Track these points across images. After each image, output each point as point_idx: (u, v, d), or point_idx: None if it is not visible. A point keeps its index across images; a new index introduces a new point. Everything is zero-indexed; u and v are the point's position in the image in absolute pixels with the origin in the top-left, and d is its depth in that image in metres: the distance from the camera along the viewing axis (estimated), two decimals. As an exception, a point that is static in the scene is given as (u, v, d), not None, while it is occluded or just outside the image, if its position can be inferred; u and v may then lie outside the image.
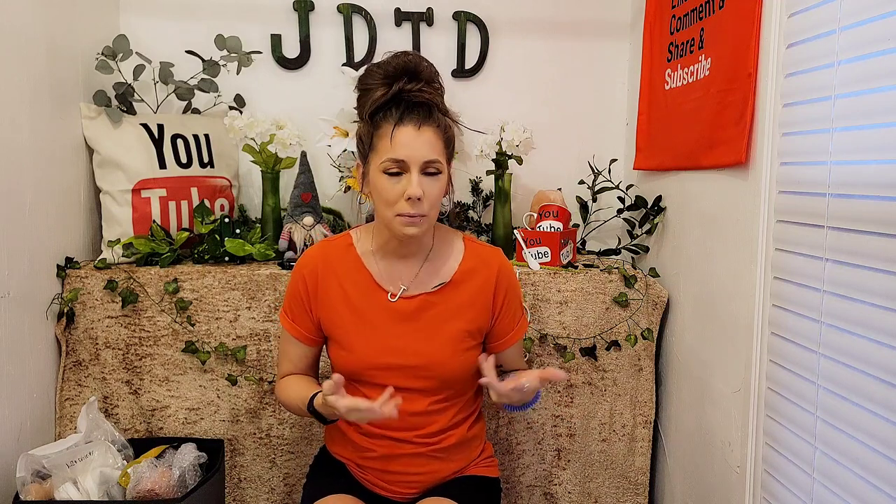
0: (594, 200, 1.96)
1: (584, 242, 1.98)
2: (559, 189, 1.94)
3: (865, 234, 1.01)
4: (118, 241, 1.69)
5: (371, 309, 1.28)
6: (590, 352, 1.69)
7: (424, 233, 1.23)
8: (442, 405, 1.29)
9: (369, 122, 1.21)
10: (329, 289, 1.29)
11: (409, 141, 1.16)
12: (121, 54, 1.74)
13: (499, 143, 1.82)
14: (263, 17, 1.95)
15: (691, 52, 1.57)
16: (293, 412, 1.33)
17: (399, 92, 1.18)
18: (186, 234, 1.72)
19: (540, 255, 1.74)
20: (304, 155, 1.79)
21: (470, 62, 2.01)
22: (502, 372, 1.38)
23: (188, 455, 1.45)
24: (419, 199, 1.16)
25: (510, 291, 1.33)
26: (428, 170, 1.18)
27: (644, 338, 1.70)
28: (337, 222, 1.96)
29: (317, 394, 1.21)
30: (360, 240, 1.32)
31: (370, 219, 1.39)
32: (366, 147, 1.23)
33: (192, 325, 1.62)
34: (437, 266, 1.30)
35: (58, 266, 1.60)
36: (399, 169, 1.17)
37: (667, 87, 1.72)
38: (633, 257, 1.93)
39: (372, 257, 1.30)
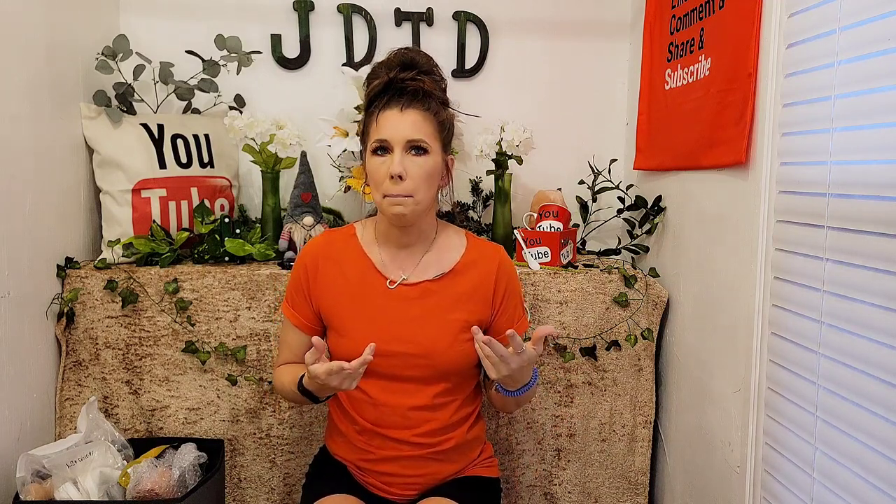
0: (594, 200, 1.96)
1: (584, 242, 1.98)
2: (559, 189, 1.94)
3: (865, 234, 1.01)
4: (118, 241, 1.69)
5: (370, 295, 1.29)
6: (590, 352, 1.69)
7: (416, 216, 1.24)
8: (440, 400, 1.29)
9: (366, 111, 1.26)
10: (329, 275, 1.31)
11: (393, 122, 1.20)
12: (121, 54, 1.74)
13: (499, 143, 1.82)
14: (263, 17, 1.95)
15: (691, 52, 1.57)
16: (287, 397, 1.35)
17: (391, 80, 1.21)
18: (186, 234, 1.72)
19: (540, 255, 1.74)
20: (304, 155, 1.79)
21: (470, 62, 2.01)
22: None
23: (188, 455, 1.45)
24: (401, 176, 1.18)
25: (510, 287, 1.34)
26: (413, 148, 1.20)
27: (644, 338, 1.70)
28: (337, 222, 1.96)
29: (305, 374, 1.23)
30: (363, 230, 1.35)
31: (371, 214, 1.40)
32: (363, 136, 1.27)
33: (192, 325, 1.62)
34: (438, 257, 1.32)
35: (58, 266, 1.60)
36: (383, 147, 1.21)
37: (667, 87, 1.72)
38: (633, 257, 1.93)
39: (374, 246, 1.32)
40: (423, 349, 1.26)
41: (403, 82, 1.21)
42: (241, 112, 1.89)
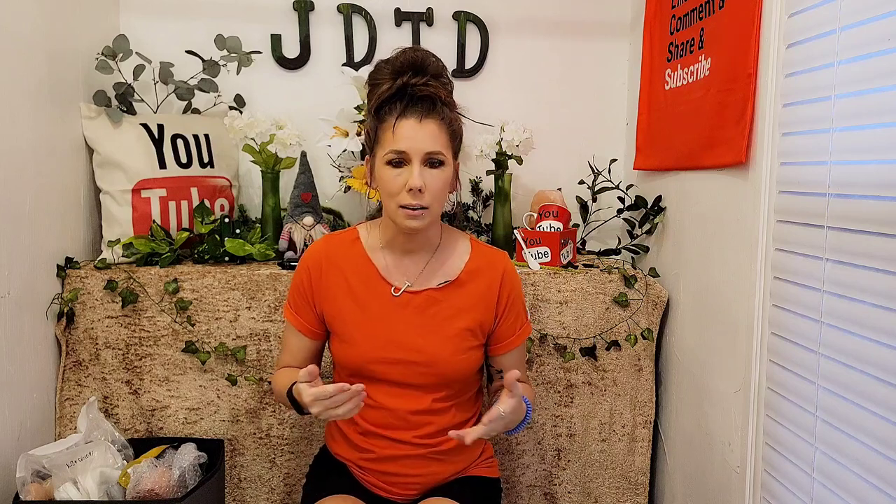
0: (594, 200, 1.96)
1: (584, 242, 1.98)
2: (559, 189, 1.94)
3: (865, 234, 1.01)
4: (118, 241, 1.69)
5: (374, 302, 1.28)
6: (590, 352, 1.69)
7: (428, 226, 1.23)
8: (441, 405, 1.29)
9: (375, 116, 1.22)
10: (332, 281, 1.29)
11: (411, 133, 1.17)
12: (121, 54, 1.74)
13: (499, 143, 1.82)
14: (263, 17, 1.95)
15: (691, 52, 1.57)
16: (279, 400, 1.33)
17: (403, 86, 1.19)
18: (186, 234, 1.72)
19: (540, 255, 1.74)
20: (304, 155, 1.79)
21: (470, 62, 2.01)
22: (502, 378, 1.37)
23: (188, 455, 1.45)
24: (420, 190, 1.17)
25: (513, 294, 1.33)
26: (430, 161, 1.19)
27: (644, 338, 1.70)
28: (337, 222, 1.96)
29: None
30: (367, 235, 1.33)
31: (373, 216, 1.39)
32: (371, 141, 1.24)
33: (192, 325, 1.62)
34: (443, 263, 1.31)
35: (58, 266, 1.60)
36: (401, 160, 1.18)
37: (667, 87, 1.72)
38: (633, 257, 1.93)
39: (378, 252, 1.31)
40: (426, 357, 1.26)
41: (415, 87, 1.19)
42: (241, 112, 1.90)
